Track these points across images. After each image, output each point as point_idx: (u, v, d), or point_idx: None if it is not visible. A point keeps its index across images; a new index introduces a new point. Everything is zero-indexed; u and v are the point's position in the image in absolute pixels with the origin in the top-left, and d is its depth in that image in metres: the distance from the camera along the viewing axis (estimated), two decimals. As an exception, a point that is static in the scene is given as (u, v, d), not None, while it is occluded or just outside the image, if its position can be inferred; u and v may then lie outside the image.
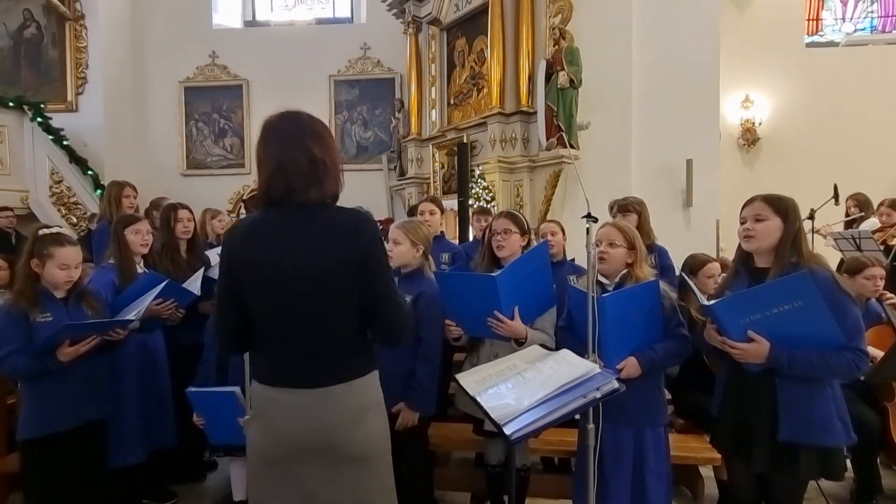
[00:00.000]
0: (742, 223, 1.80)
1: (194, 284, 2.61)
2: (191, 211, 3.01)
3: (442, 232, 3.43)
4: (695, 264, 2.80)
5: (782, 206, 1.74)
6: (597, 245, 1.97)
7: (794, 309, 1.58)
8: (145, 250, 2.61)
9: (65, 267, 2.07)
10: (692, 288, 1.99)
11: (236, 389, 2.05)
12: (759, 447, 1.75)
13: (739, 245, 1.86)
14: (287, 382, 1.33)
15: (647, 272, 1.97)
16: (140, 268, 2.58)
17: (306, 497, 1.32)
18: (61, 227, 2.26)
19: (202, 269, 2.74)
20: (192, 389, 2.21)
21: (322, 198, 1.31)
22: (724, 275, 2.33)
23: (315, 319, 1.30)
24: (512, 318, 1.97)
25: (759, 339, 1.67)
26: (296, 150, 1.28)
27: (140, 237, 2.56)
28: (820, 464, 1.71)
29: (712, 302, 1.81)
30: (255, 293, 1.32)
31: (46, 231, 2.12)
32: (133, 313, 2.20)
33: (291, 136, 1.30)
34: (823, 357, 1.63)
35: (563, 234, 2.95)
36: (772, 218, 1.73)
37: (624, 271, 1.98)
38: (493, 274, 1.96)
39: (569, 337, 2.04)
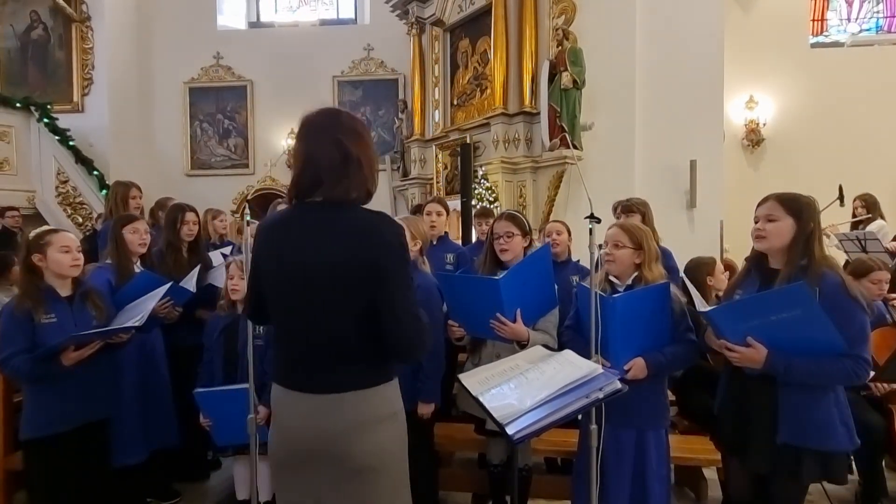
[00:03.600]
0: (756, 222, 1.76)
1: (189, 282, 2.60)
2: (197, 214, 3.01)
3: (446, 232, 3.43)
4: (698, 273, 2.70)
5: (795, 206, 1.68)
6: (603, 247, 1.98)
7: (792, 317, 1.56)
8: (143, 250, 2.59)
9: (66, 249, 2.05)
10: (692, 294, 1.98)
11: (248, 386, 2.04)
12: (757, 448, 1.74)
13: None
14: (294, 384, 1.30)
15: (657, 273, 1.95)
16: (137, 267, 2.57)
17: (315, 502, 1.30)
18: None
19: (198, 268, 2.72)
20: (201, 390, 2.21)
21: (347, 196, 1.26)
22: (731, 275, 2.32)
23: (320, 323, 1.26)
24: (514, 321, 1.97)
25: (756, 346, 1.65)
26: (328, 145, 1.26)
27: (138, 236, 2.55)
28: (822, 467, 1.68)
29: (709, 308, 1.79)
30: (269, 289, 1.33)
31: (37, 230, 2.12)
32: (136, 319, 2.18)
33: (326, 130, 1.27)
34: (821, 365, 1.60)
35: (569, 234, 2.94)
36: (783, 218, 1.68)
37: (635, 273, 1.97)
38: (496, 277, 1.96)
39: (576, 337, 2.04)
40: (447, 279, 2.16)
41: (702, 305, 1.87)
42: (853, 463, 2.50)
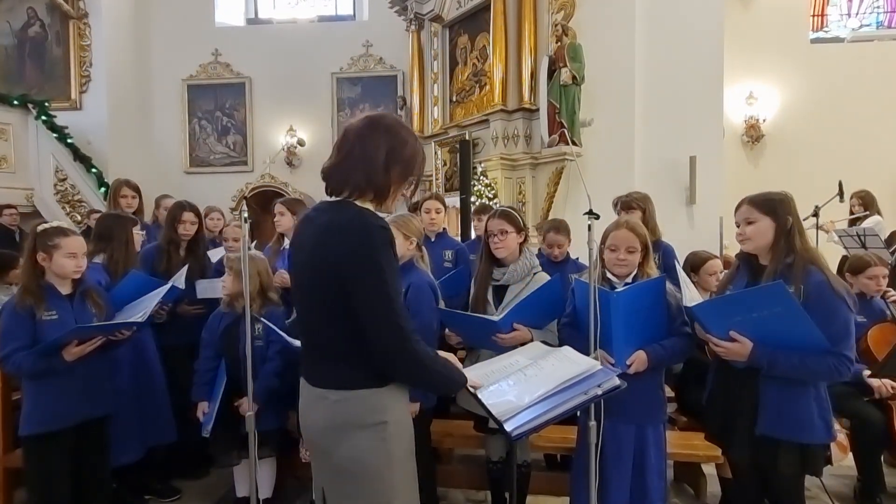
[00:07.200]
0: (737, 226, 1.83)
1: (178, 280, 2.56)
2: (197, 213, 2.96)
3: (445, 229, 3.42)
4: (696, 262, 2.81)
5: (769, 205, 1.73)
6: (613, 250, 1.97)
7: (773, 314, 1.60)
8: (134, 250, 2.63)
9: (72, 256, 2.07)
10: (682, 287, 1.99)
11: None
12: (739, 439, 1.79)
13: None
14: (304, 373, 1.37)
15: (654, 270, 2.00)
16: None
17: (321, 490, 1.36)
18: (60, 222, 2.25)
19: (185, 267, 2.66)
20: None
21: (341, 192, 1.29)
22: (726, 271, 2.33)
23: (310, 317, 1.32)
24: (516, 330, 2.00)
25: (741, 340, 1.69)
26: (343, 141, 1.32)
27: (138, 237, 2.62)
28: (800, 460, 1.73)
29: (693, 304, 1.84)
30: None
31: (47, 225, 2.12)
32: (139, 314, 2.19)
33: (352, 128, 1.33)
34: (805, 361, 1.64)
35: (569, 239, 2.95)
36: (761, 219, 1.73)
37: (635, 271, 1.99)
38: (494, 318, 2.00)
39: (574, 333, 2.03)
40: (448, 316, 2.19)
41: (688, 301, 1.90)
42: (851, 458, 2.51)
